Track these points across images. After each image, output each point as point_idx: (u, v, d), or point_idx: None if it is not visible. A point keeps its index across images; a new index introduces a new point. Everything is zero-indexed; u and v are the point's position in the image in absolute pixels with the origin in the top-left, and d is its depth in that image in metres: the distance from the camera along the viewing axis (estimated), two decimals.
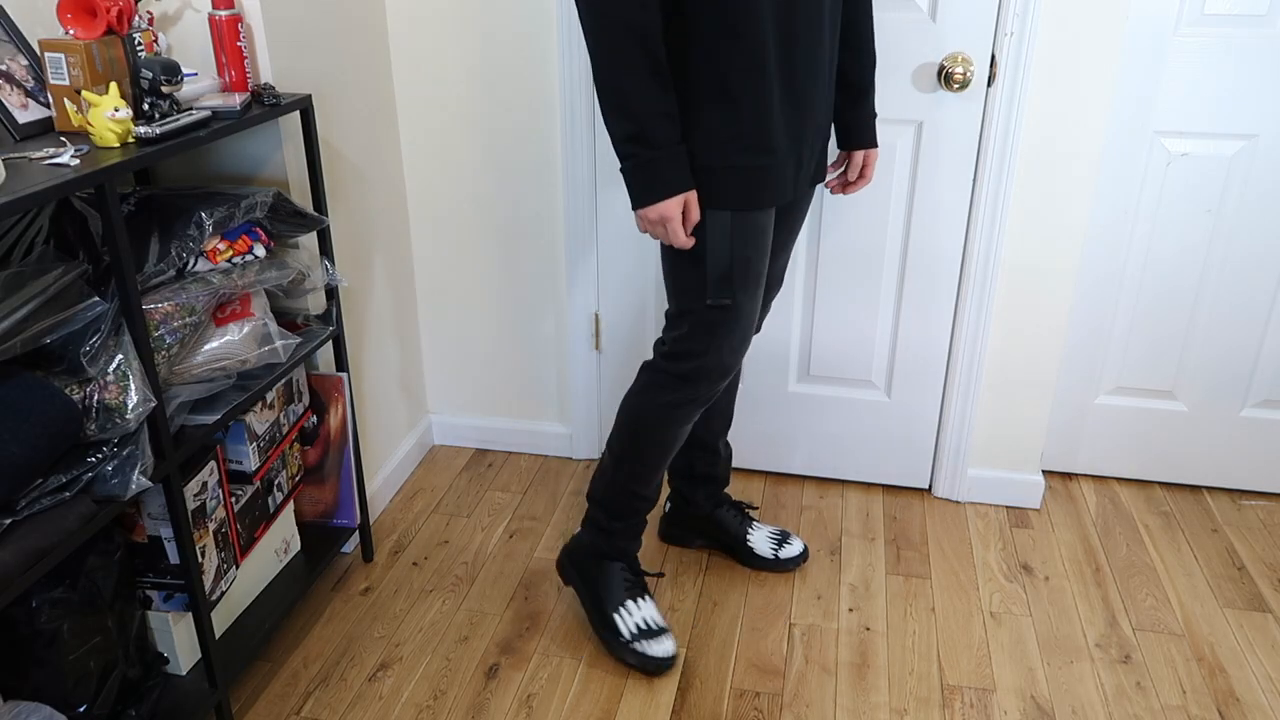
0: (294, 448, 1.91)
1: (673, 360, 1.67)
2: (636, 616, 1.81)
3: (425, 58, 2.15)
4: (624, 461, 1.77)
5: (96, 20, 1.41)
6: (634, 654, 1.79)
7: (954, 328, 2.17)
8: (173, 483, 1.45)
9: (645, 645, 1.79)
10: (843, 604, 1.98)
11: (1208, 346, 2.22)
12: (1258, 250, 2.12)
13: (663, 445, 1.74)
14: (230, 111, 1.55)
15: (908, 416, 2.27)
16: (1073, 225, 2.03)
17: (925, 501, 2.31)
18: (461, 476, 2.41)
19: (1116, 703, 1.75)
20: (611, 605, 1.82)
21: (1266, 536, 2.20)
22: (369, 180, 2.11)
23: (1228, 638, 1.90)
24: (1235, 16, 1.95)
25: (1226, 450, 2.31)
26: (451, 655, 1.85)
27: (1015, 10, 1.87)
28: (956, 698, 1.75)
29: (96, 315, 1.32)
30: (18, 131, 1.42)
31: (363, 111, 2.06)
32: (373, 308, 2.18)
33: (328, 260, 1.83)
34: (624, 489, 1.79)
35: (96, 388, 1.32)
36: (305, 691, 1.76)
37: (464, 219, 2.29)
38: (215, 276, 1.53)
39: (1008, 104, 1.94)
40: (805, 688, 1.77)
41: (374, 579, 2.05)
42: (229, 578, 1.69)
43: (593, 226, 2.22)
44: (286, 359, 1.67)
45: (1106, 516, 2.26)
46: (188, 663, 1.65)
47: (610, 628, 1.82)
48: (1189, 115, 2.04)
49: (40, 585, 1.37)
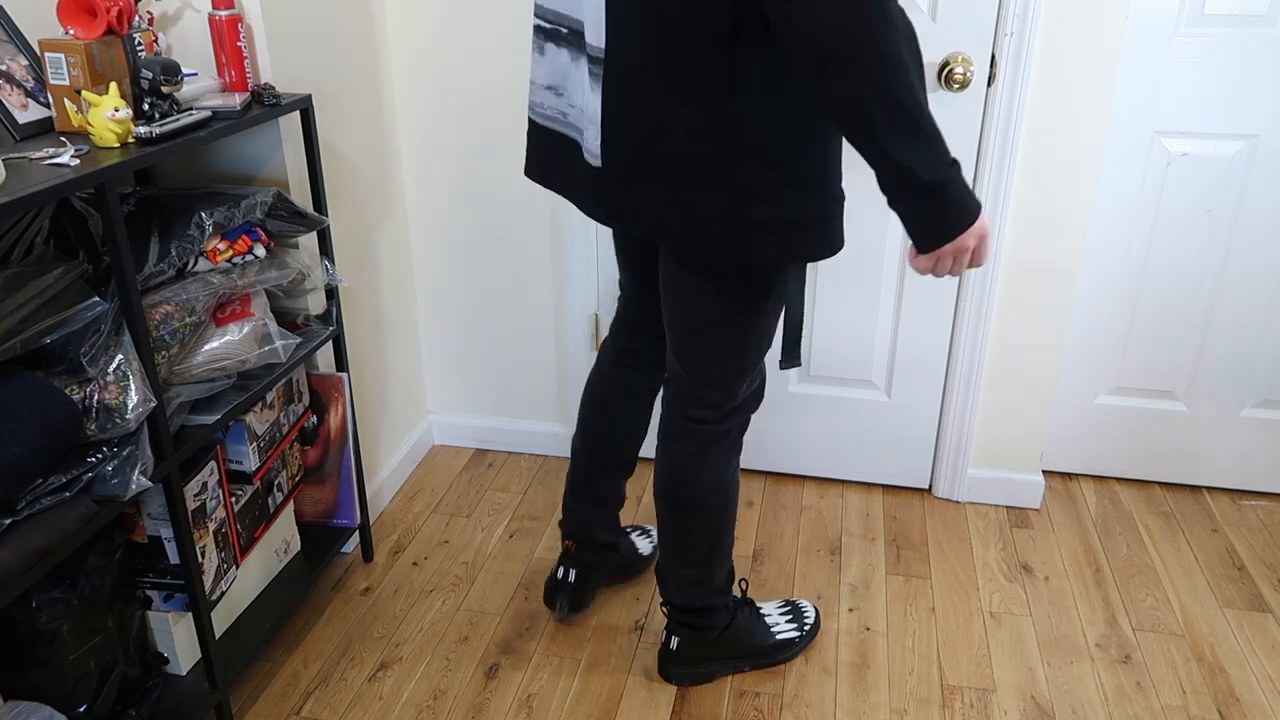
0: (294, 448, 1.91)
1: (739, 414, 1.56)
2: (777, 618, 1.83)
3: (425, 58, 2.15)
4: (721, 539, 1.62)
5: (96, 20, 1.41)
6: (807, 638, 1.84)
7: (954, 328, 2.17)
8: (173, 483, 1.45)
9: (805, 625, 1.84)
10: (843, 604, 1.98)
11: (1208, 346, 2.22)
12: (1258, 250, 2.12)
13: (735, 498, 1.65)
14: (230, 111, 1.55)
15: (908, 416, 2.27)
16: (1073, 225, 2.03)
17: (925, 501, 2.31)
18: (461, 476, 2.41)
19: (1116, 703, 1.75)
20: (770, 638, 1.79)
21: (1266, 536, 2.20)
22: (369, 180, 2.11)
23: (1228, 638, 1.90)
24: (1235, 16, 1.95)
25: (1226, 450, 2.31)
26: (451, 655, 1.85)
27: (1015, 10, 1.87)
28: (956, 698, 1.75)
29: (96, 315, 1.32)
30: (18, 131, 1.42)
31: (363, 111, 2.06)
32: (373, 308, 2.18)
33: (328, 260, 1.83)
34: (723, 565, 1.67)
35: (96, 388, 1.32)
36: (305, 691, 1.76)
37: (464, 219, 2.29)
38: (215, 276, 1.53)
39: (1008, 104, 1.94)
40: (805, 688, 1.77)
41: (374, 579, 2.05)
42: (229, 578, 1.69)
43: (593, 226, 2.22)
44: (286, 359, 1.67)
45: (1106, 516, 2.26)
46: (188, 663, 1.65)
47: (782, 648, 1.80)
48: (1189, 115, 2.04)
49: (40, 585, 1.37)
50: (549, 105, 1.46)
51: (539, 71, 1.46)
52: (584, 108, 1.37)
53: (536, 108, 1.49)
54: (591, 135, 1.36)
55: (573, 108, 1.41)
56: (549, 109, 1.46)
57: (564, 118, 1.44)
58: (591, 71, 1.33)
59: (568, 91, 1.41)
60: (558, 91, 1.43)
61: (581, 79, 1.37)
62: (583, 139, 1.39)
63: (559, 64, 1.41)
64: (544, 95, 1.46)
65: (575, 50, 1.37)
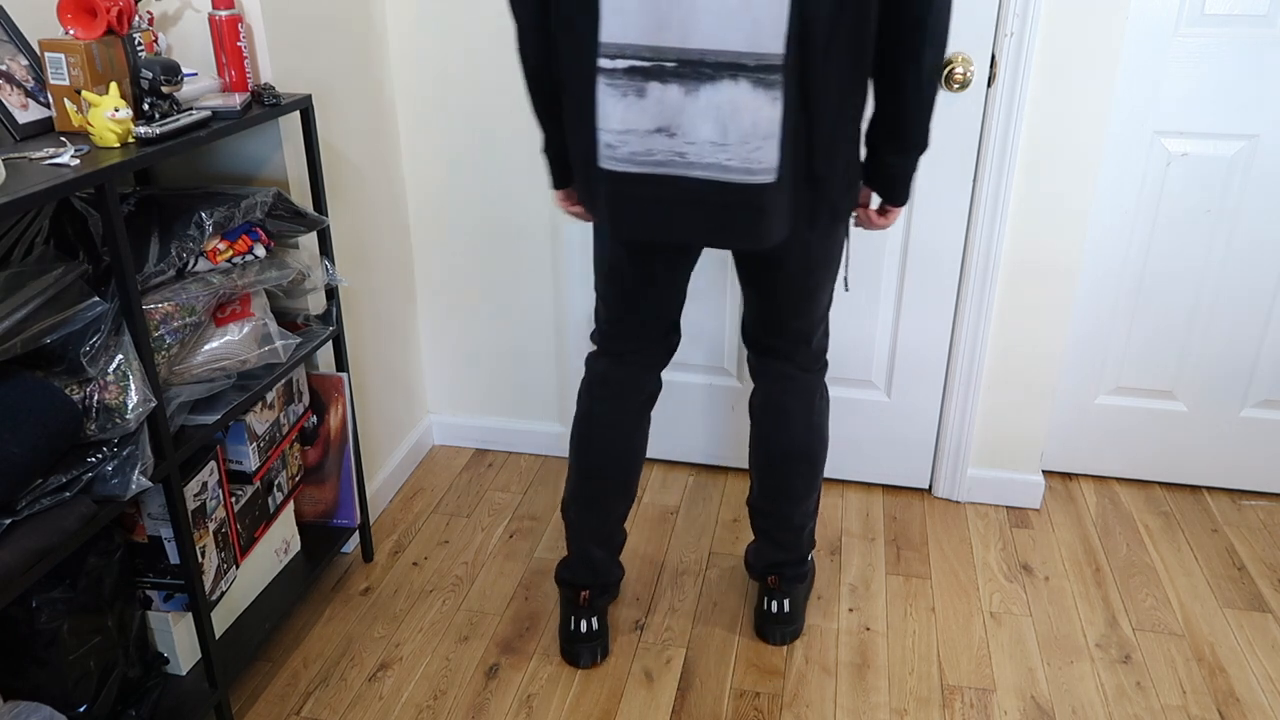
0: (294, 448, 1.91)
1: (825, 356, 1.78)
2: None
3: (425, 58, 2.15)
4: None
5: (96, 20, 1.41)
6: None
7: (954, 328, 2.17)
8: (173, 483, 1.45)
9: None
10: (843, 604, 1.98)
11: (1208, 346, 2.22)
12: (1258, 250, 2.12)
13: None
14: (230, 111, 1.55)
15: (908, 416, 2.27)
16: (1073, 225, 2.03)
17: (925, 501, 2.31)
18: (461, 476, 2.41)
19: (1116, 703, 1.75)
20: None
21: (1266, 536, 2.20)
22: (369, 180, 2.11)
23: (1228, 638, 1.90)
24: (1235, 16, 1.95)
25: (1226, 450, 2.31)
26: (451, 655, 1.85)
27: (1015, 10, 1.87)
28: (956, 698, 1.75)
29: (96, 315, 1.32)
30: (18, 131, 1.42)
31: (363, 111, 2.06)
32: (373, 308, 2.18)
33: (328, 260, 1.83)
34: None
35: (96, 388, 1.32)
36: (305, 691, 1.76)
37: (464, 219, 2.29)
38: (215, 276, 1.53)
39: (1008, 104, 1.94)
40: (805, 688, 1.77)
41: (374, 579, 2.05)
42: (229, 578, 1.69)
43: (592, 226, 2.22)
44: (286, 359, 1.67)
45: (1106, 516, 2.26)
46: (188, 663, 1.65)
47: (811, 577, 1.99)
48: (1189, 115, 2.04)
49: (40, 585, 1.37)
50: (658, 150, 1.36)
51: (639, 117, 1.35)
52: (726, 135, 1.33)
53: (636, 158, 1.38)
54: (749, 153, 1.33)
55: (693, 144, 1.35)
56: (658, 154, 1.36)
57: (682, 158, 1.36)
58: (762, 82, 1.30)
59: (683, 129, 1.34)
60: (669, 132, 1.35)
61: (713, 107, 1.32)
62: (724, 171, 1.35)
63: (668, 101, 1.33)
64: (648, 141, 1.36)
65: (689, 81, 1.31)
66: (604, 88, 1.35)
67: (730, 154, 1.34)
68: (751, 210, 1.38)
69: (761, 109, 1.31)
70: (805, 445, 1.75)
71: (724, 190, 1.37)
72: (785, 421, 1.74)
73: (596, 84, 1.36)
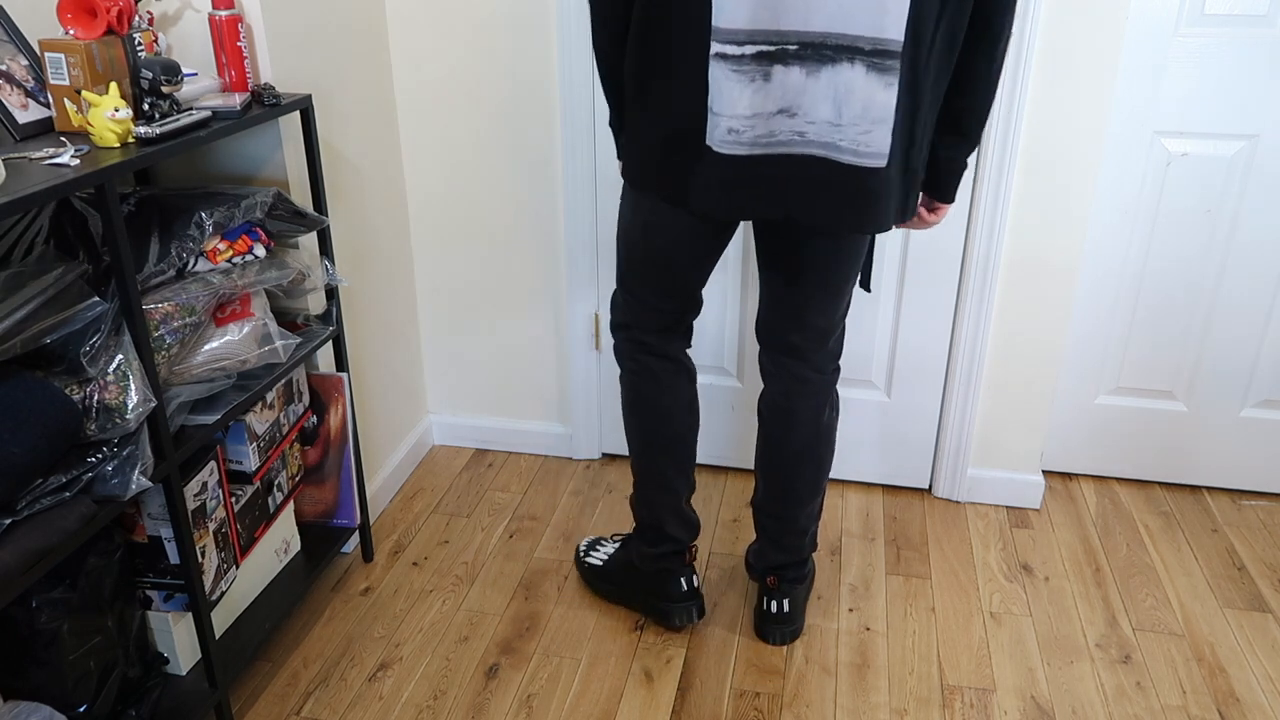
0: (294, 448, 1.91)
1: (839, 360, 1.78)
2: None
3: (425, 58, 2.15)
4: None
5: (96, 20, 1.41)
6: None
7: (954, 328, 2.17)
8: (173, 483, 1.45)
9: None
10: (843, 604, 1.98)
11: (1208, 346, 2.22)
12: (1258, 250, 2.12)
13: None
14: (230, 111, 1.55)
15: (908, 416, 2.27)
16: (1073, 225, 2.03)
17: (925, 501, 2.31)
18: (461, 476, 2.41)
19: (1116, 703, 1.75)
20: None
21: (1266, 536, 2.20)
22: (369, 180, 2.11)
23: (1228, 638, 1.90)
24: (1235, 16, 1.95)
25: (1226, 450, 2.31)
26: (451, 655, 1.85)
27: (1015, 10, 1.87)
28: (956, 698, 1.75)
29: (96, 315, 1.32)
30: (18, 131, 1.42)
31: (363, 111, 2.06)
32: (373, 308, 2.18)
33: (328, 260, 1.83)
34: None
35: (96, 388, 1.32)
36: (305, 691, 1.76)
37: (464, 219, 2.29)
38: (215, 276, 1.53)
39: (1008, 104, 1.94)
40: (805, 688, 1.77)
41: (374, 579, 2.05)
42: (229, 578, 1.69)
43: (592, 226, 2.22)
44: (286, 359, 1.67)
45: (1106, 516, 2.27)
46: (188, 663, 1.65)
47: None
48: (1189, 115, 2.04)
49: (40, 585, 1.37)
50: (781, 131, 1.40)
51: (764, 101, 1.38)
52: (841, 116, 1.37)
53: (760, 141, 1.41)
54: (859, 135, 1.37)
55: (813, 123, 1.38)
56: (781, 134, 1.40)
57: (802, 138, 1.40)
58: (876, 67, 1.34)
59: (804, 109, 1.38)
60: (790, 113, 1.39)
61: (831, 88, 1.36)
62: (837, 151, 1.39)
63: (790, 84, 1.37)
64: (772, 124, 1.39)
65: (810, 63, 1.35)
66: (727, 73, 1.37)
67: (843, 135, 1.39)
68: (867, 193, 1.42)
69: (875, 94, 1.35)
70: (813, 449, 1.76)
71: (840, 171, 1.41)
72: (794, 424, 1.74)
73: (710, 70, 1.37)
